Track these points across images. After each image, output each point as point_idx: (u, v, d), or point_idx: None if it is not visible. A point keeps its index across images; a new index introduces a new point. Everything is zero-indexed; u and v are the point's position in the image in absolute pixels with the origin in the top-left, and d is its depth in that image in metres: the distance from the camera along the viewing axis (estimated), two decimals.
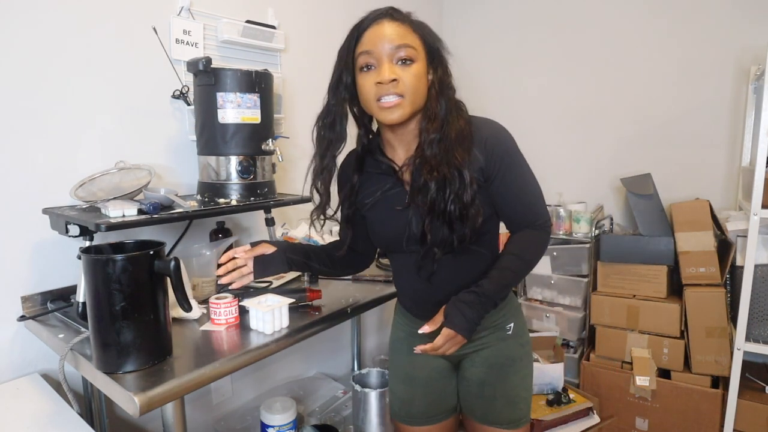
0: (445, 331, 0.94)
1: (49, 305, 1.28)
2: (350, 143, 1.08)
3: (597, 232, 2.16)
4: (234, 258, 1.09)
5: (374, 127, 1.08)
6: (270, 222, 1.59)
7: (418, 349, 0.97)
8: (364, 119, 1.04)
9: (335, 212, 1.09)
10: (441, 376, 1.12)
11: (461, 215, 0.92)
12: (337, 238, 1.17)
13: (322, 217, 1.08)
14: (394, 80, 0.89)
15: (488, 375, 1.08)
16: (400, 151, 1.01)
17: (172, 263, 0.92)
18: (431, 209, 0.93)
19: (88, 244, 1.12)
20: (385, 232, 1.03)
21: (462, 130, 0.94)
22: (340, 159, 1.10)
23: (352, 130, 1.06)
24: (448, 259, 0.98)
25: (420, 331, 0.97)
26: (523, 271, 1.02)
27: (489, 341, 1.07)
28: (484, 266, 1.01)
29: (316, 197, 1.09)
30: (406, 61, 0.91)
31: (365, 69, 0.93)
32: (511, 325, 1.09)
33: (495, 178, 0.96)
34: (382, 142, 1.04)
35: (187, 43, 1.56)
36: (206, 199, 1.41)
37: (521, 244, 1.00)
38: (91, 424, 1.30)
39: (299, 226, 2.00)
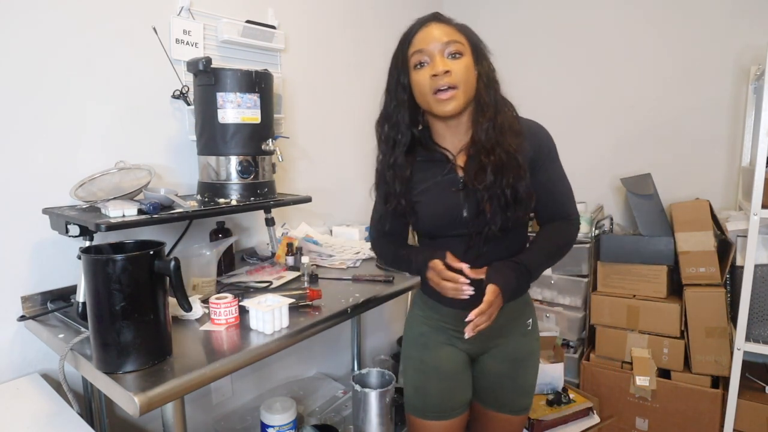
0: (491, 287, 0.96)
1: (49, 305, 1.28)
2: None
3: (597, 232, 2.16)
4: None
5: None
6: (270, 222, 1.59)
7: (469, 329, 0.96)
8: (417, 116, 1.09)
9: (383, 202, 1.13)
10: (461, 370, 1.16)
11: (515, 198, 1.00)
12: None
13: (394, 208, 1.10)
14: (447, 71, 0.97)
15: (508, 369, 1.15)
16: (451, 141, 1.08)
17: (172, 263, 0.92)
18: (489, 191, 1.00)
19: (88, 244, 1.12)
20: (437, 216, 1.07)
21: (512, 120, 1.04)
22: None
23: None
24: (494, 242, 1.05)
25: (467, 273, 0.98)
26: (555, 257, 1.10)
27: (510, 337, 1.14)
28: (523, 241, 1.10)
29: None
30: (455, 55, 0.99)
31: (419, 66, 1.01)
32: (530, 320, 1.18)
33: (540, 169, 1.05)
34: (433, 134, 1.10)
35: (187, 43, 1.56)
36: (206, 199, 1.41)
37: (555, 232, 1.09)
38: (91, 424, 1.30)
39: (299, 226, 2.00)
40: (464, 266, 0.99)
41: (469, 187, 1.02)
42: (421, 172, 1.08)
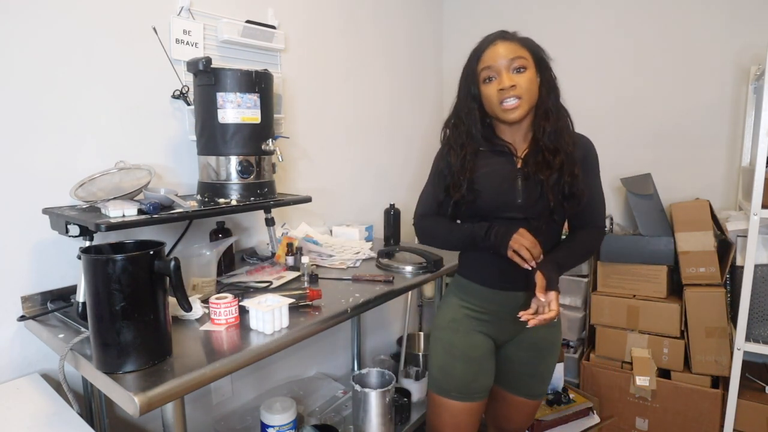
0: (555, 294, 1.11)
1: (49, 305, 1.28)
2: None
3: None
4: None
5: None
6: (270, 222, 1.59)
7: (532, 322, 1.08)
8: (484, 120, 1.23)
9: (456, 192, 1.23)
10: (487, 357, 1.26)
11: (571, 193, 1.15)
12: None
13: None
14: (513, 86, 1.11)
15: (532, 357, 1.27)
16: (512, 137, 1.21)
17: (172, 263, 0.92)
18: (554, 187, 1.14)
19: (88, 244, 1.12)
20: (495, 198, 1.18)
21: (569, 125, 1.20)
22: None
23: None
24: (548, 227, 1.19)
25: (523, 316, 1.10)
26: (583, 258, 1.24)
27: (538, 327, 1.17)
28: (557, 239, 1.24)
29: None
30: (520, 70, 1.13)
31: (488, 81, 1.15)
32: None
33: (584, 174, 1.18)
34: (496, 129, 1.23)
35: (187, 43, 1.56)
36: (206, 199, 1.41)
37: (586, 237, 1.24)
38: (91, 424, 1.30)
39: (299, 226, 2.00)
40: (540, 293, 1.10)
41: (529, 177, 1.16)
42: (483, 159, 1.21)
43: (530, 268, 1.11)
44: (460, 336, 1.25)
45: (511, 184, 1.17)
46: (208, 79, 1.34)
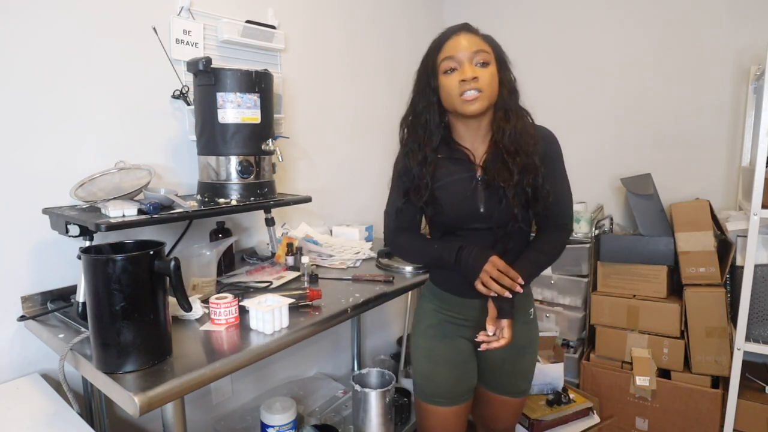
0: (507, 322, 1.11)
1: (49, 305, 1.28)
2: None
3: (597, 232, 2.16)
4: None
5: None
6: (270, 222, 1.59)
7: (483, 347, 1.11)
8: (443, 117, 1.17)
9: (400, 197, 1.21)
10: (467, 359, 1.25)
11: (534, 196, 1.11)
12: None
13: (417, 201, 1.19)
14: (475, 78, 1.05)
15: (510, 355, 1.24)
16: (470, 142, 1.16)
17: (172, 263, 0.92)
18: (514, 189, 1.10)
19: (88, 244, 1.12)
20: (456, 210, 1.14)
21: (529, 126, 1.14)
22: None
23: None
24: (515, 234, 1.15)
25: (479, 338, 1.12)
26: (545, 266, 1.19)
27: (514, 325, 1.17)
28: (526, 242, 1.20)
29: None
30: (483, 63, 1.07)
31: (449, 72, 1.09)
32: (532, 310, 1.28)
33: (547, 170, 1.13)
34: (453, 134, 1.18)
35: (187, 43, 1.56)
36: (206, 199, 1.41)
37: (547, 243, 1.19)
38: (91, 424, 1.30)
39: (299, 226, 2.00)
40: (489, 330, 1.11)
41: (490, 184, 1.11)
42: (442, 169, 1.16)
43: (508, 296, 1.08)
44: (439, 342, 1.24)
45: (472, 194, 1.13)
46: (208, 79, 1.34)
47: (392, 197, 1.25)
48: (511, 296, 1.07)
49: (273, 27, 1.78)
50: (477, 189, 1.13)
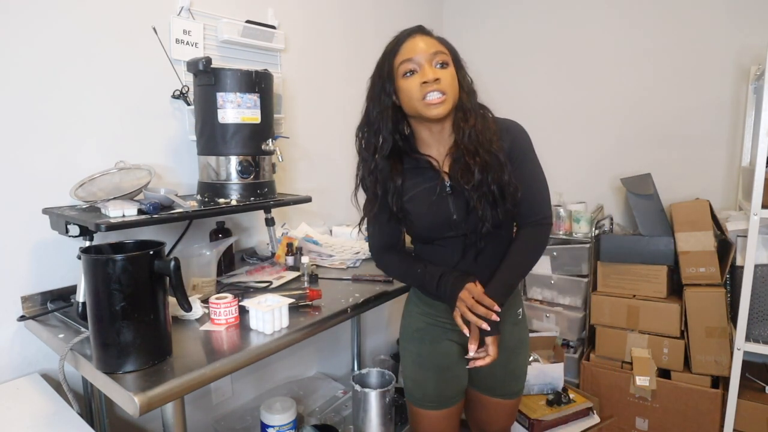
0: (492, 339, 1.06)
1: (49, 305, 1.28)
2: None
3: (597, 232, 2.16)
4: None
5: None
6: (270, 222, 1.59)
7: (473, 365, 1.08)
8: (399, 124, 1.13)
9: (372, 212, 1.18)
10: (456, 362, 1.22)
11: (502, 193, 1.06)
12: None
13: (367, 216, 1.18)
14: (437, 79, 1.02)
15: (502, 356, 1.16)
16: (435, 148, 1.13)
17: (172, 263, 0.92)
18: (478, 190, 1.06)
19: (88, 244, 1.12)
20: (428, 221, 1.12)
21: (490, 122, 1.10)
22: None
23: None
24: (489, 237, 1.11)
25: (471, 355, 1.07)
26: (525, 272, 1.15)
27: (503, 326, 1.16)
28: (508, 242, 1.15)
29: (360, 202, 1.23)
30: (443, 65, 1.05)
31: (408, 74, 1.05)
32: (520, 310, 1.26)
33: (514, 164, 1.09)
34: (417, 142, 1.15)
35: (187, 43, 1.56)
36: (206, 199, 1.41)
37: (525, 245, 1.13)
38: (91, 424, 1.30)
39: (299, 226, 2.00)
40: (472, 349, 1.06)
41: (457, 190, 1.08)
42: (408, 180, 1.13)
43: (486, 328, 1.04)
44: (427, 346, 1.22)
45: (440, 203, 1.10)
46: (208, 79, 1.34)
47: (373, 223, 1.22)
48: (488, 327, 1.02)
49: (273, 27, 1.78)
50: (445, 197, 1.10)
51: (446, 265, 1.14)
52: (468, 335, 1.05)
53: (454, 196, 1.10)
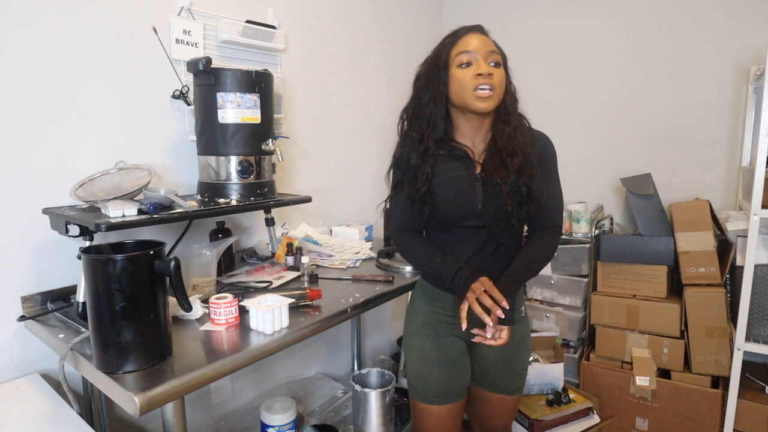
0: (508, 328, 1.11)
1: (49, 305, 1.28)
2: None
3: (597, 232, 2.16)
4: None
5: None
6: (270, 222, 1.59)
7: (478, 339, 1.12)
8: (447, 110, 1.18)
9: (401, 191, 1.22)
10: (460, 358, 1.26)
11: (529, 195, 1.13)
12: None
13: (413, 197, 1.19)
14: (491, 74, 1.08)
15: (503, 353, 1.25)
16: (470, 139, 1.19)
17: (172, 263, 0.92)
18: (510, 188, 1.12)
19: (88, 244, 1.12)
20: (454, 206, 1.16)
21: (526, 129, 1.18)
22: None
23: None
24: (509, 233, 1.18)
25: (476, 332, 1.12)
26: (535, 272, 1.21)
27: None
28: (519, 243, 1.23)
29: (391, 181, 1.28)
30: (496, 64, 1.11)
31: (464, 66, 1.10)
32: (523, 308, 1.30)
33: (541, 173, 1.16)
34: (454, 130, 1.19)
35: (187, 43, 1.56)
36: (206, 199, 1.41)
37: (540, 247, 1.20)
38: (91, 424, 1.30)
39: (299, 226, 2.00)
40: (504, 305, 1.07)
41: (487, 182, 1.14)
42: (441, 165, 1.17)
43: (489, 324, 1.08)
44: (432, 341, 1.25)
45: (470, 191, 1.15)
46: (208, 79, 1.34)
47: (393, 199, 1.27)
48: (490, 322, 1.06)
49: (273, 27, 1.78)
50: (475, 185, 1.15)
51: (463, 254, 1.19)
52: (464, 329, 1.09)
53: (483, 188, 1.14)
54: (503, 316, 1.06)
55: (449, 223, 1.18)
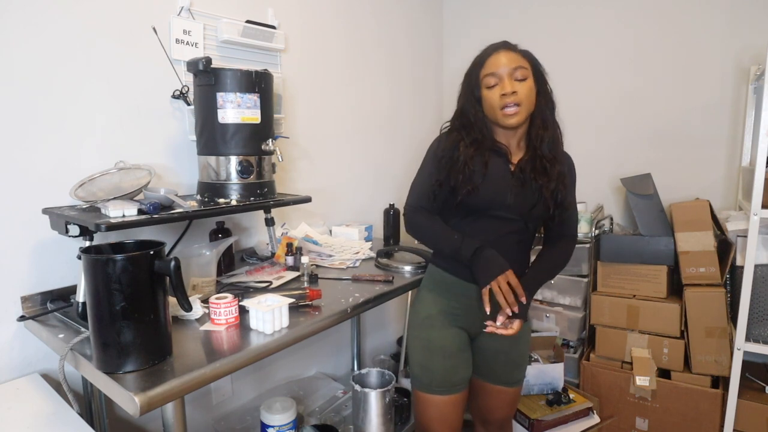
0: (520, 321, 1.22)
1: (49, 305, 1.28)
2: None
3: (597, 232, 2.16)
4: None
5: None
6: (270, 222, 1.59)
7: (490, 329, 1.20)
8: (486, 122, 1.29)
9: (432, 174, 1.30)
10: (463, 349, 1.31)
11: (562, 203, 1.24)
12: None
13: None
14: (514, 92, 1.17)
15: (504, 345, 1.32)
16: (507, 140, 1.28)
17: (173, 263, 0.92)
18: (549, 193, 1.22)
19: (87, 244, 1.12)
20: (489, 192, 1.23)
21: (560, 139, 1.29)
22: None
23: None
24: (530, 232, 1.29)
25: (488, 323, 1.21)
26: (554, 275, 1.34)
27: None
28: (531, 244, 1.34)
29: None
30: (522, 79, 1.19)
31: (491, 87, 1.21)
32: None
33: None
34: (494, 134, 1.29)
35: (187, 43, 1.56)
36: (206, 199, 1.41)
37: (561, 253, 1.32)
38: (91, 424, 1.30)
39: (299, 226, 2.00)
40: (523, 301, 1.18)
41: (521, 179, 1.23)
42: (481, 158, 1.25)
43: (509, 313, 1.17)
44: (436, 331, 1.30)
45: (505, 184, 1.23)
46: (208, 79, 1.34)
47: (421, 179, 1.33)
48: (510, 312, 1.17)
49: (273, 27, 1.78)
50: (510, 181, 1.23)
51: (486, 240, 1.24)
52: (488, 312, 1.17)
53: (516, 183, 1.23)
54: (517, 311, 1.16)
55: (480, 209, 1.24)
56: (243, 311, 1.17)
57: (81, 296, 1.15)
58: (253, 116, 1.39)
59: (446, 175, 1.26)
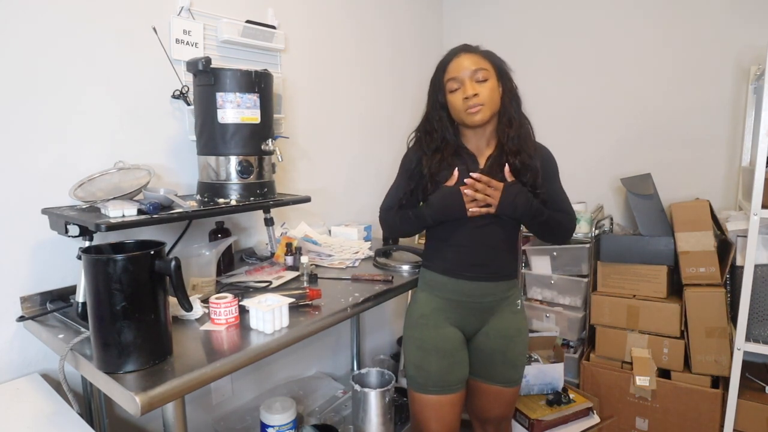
0: (499, 183, 1.23)
1: (49, 305, 1.27)
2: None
3: (597, 232, 2.16)
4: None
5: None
6: (269, 222, 1.59)
7: (472, 180, 1.22)
8: (453, 127, 1.33)
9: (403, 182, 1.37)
10: (458, 349, 1.31)
11: (534, 194, 1.26)
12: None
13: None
14: (476, 94, 1.21)
15: (500, 344, 1.33)
16: (476, 146, 1.32)
17: (173, 263, 0.92)
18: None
19: (87, 244, 1.12)
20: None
21: (530, 132, 1.30)
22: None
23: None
24: (504, 224, 1.29)
25: (470, 179, 1.23)
26: (552, 223, 1.30)
27: (503, 315, 1.33)
28: (516, 239, 1.35)
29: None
30: (483, 80, 1.22)
31: (453, 91, 1.25)
32: (519, 301, 1.38)
33: (543, 181, 1.28)
34: (462, 138, 1.33)
35: (187, 43, 1.56)
36: (206, 199, 1.41)
37: (562, 213, 1.32)
38: (91, 424, 1.30)
39: (298, 226, 2.00)
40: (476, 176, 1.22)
41: (489, 174, 1.24)
42: (446, 161, 1.30)
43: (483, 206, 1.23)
44: (430, 331, 1.31)
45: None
46: (207, 79, 1.34)
47: (394, 188, 1.40)
48: (493, 211, 1.22)
49: (273, 27, 1.78)
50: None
51: (460, 242, 1.29)
52: (475, 176, 1.22)
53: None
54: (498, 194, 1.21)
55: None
56: (243, 311, 1.17)
57: (81, 296, 1.15)
58: (253, 116, 1.39)
59: (414, 186, 1.33)
